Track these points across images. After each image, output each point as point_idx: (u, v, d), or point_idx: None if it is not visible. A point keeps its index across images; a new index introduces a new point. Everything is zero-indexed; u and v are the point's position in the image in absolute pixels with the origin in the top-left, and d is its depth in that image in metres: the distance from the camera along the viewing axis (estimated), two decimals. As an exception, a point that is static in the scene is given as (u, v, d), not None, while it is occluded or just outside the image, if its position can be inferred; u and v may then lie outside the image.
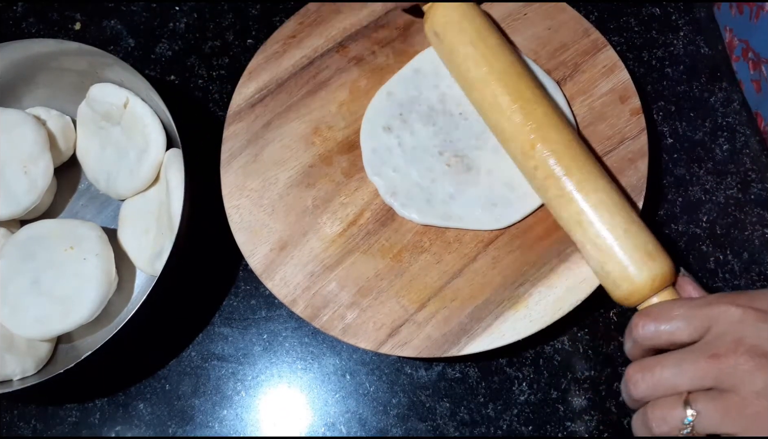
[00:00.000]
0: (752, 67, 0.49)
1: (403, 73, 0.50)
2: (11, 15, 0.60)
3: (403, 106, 0.49)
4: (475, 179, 0.47)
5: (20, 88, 0.53)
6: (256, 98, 0.51)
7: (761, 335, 0.33)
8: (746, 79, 0.51)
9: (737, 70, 0.52)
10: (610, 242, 0.40)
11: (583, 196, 0.41)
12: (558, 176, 0.42)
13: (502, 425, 0.47)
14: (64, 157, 0.53)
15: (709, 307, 0.35)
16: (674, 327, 0.36)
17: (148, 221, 0.50)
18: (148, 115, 0.50)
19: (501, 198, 0.46)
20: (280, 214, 0.48)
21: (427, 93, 0.49)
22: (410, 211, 0.47)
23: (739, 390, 0.33)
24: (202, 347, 0.50)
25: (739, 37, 0.51)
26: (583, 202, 0.41)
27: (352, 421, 0.48)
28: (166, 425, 0.49)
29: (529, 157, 0.43)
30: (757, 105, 0.51)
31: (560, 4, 0.51)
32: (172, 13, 0.59)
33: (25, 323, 0.46)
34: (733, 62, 0.52)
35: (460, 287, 0.45)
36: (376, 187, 0.47)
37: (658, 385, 0.35)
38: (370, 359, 0.49)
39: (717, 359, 0.33)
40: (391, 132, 0.48)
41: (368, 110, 0.49)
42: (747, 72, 0.51)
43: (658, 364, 0.35)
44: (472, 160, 0.48)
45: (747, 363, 0.33)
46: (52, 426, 0.49)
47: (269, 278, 0.46)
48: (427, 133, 0.48)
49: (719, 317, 0.35)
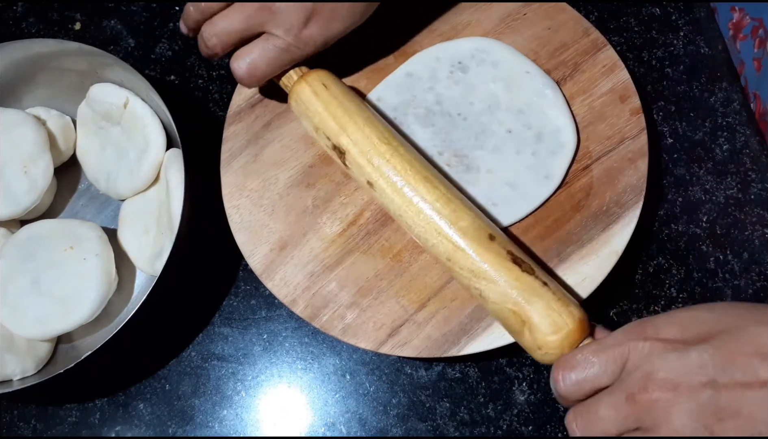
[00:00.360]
0: (758, 44, 0.49)
1: (393, 77, 0.50)
2: (11, 15, 0.60)
3: (397, 109, 0.49)
4: (474, 179, 0.47)
5: (20, 88, 0.53)
6: (256, 98, 0.51)
7: (670, 365, 0.33)
8: (749, 58, 0.51)
9: (740, 50, 0.52)
10: (512, 326, 0.40)
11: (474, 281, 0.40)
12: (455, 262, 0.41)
13: (502, 425, 0.47)
14: (64, 157, 0.53)
15: (618, 346, 0.35)
16: (592, 374, 0.35)
17: (148, 221, 0.50)
18: (148, 115, 0.50)
19: (501, 198, 0.46)
20: (280, 215, 0.48)
21: (423, 95, 0.49)
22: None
23: (659, 429, 0.32)
24: (202, 347, 0.50)
25: (752, 15, 0.50)
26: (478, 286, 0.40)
27: (352, 421, 0.48)
28: (166, 425, 0.49)
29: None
30: (756, 86, 0.51)
31: (560, 4, 0.51)
32: (172, 13, 0.59)
33: (25, 323, 0.46)
34: (738, 42, 0.52)
35: (460, 287, 0.45)
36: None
37: (590, 430, 0.34)
38: (370, 359, 0.49)
39: (632, 399, 0.33)
40: None
41: None
42: (751, 50, 0.50)
43: (586, 410, 0.35)
44: (472, 160, 0.48)
45: (660, 399, 0.32)
46: (52, 426, 0.49)
47: (269, 278, 0.46)
48: (426, 134, 0.48)
49: (630, 354, 0.34)
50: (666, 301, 0.49)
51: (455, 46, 0.50)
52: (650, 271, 0.50)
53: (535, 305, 0.38)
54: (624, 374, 0.34)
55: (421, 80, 0.50)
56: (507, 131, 0.48)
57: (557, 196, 0.47)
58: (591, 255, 0.45)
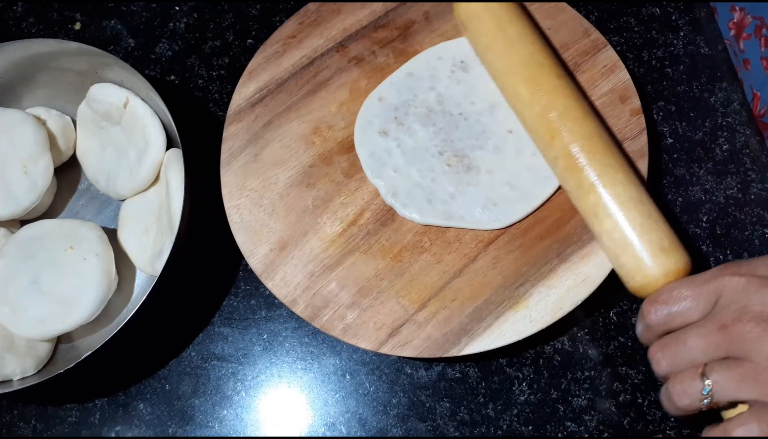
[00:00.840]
0: (764, 43, 0.49)
1: (395, 77, 0.50)
2: (11, 15, 0.60)
3: (398, 109, 0.49)
4: (475, 179, 0.47)
5: (20, 88, 0.53)
6: (256, 98, 0.51)
7: (765, 301, 0.34)
8: (755, 57, 0.51)
9: (744, 49, 0.52)
10: (625, 236, 0.41)
11: (600, 189, 0.42)
12: (577, 168, 0.43)
13: (502, 425, 0.47)
14: (64, 157, 0.53)
15: (714, 280, 0.36)
16: (684, 308, 0.37)
17: (148, 221, 0.50)
18: (148, 115, 0.50)
19: (501, 197, 0.46)
20: (280, 214, 0.48)
21: (424, 95, 0.49)
22: (411, 211, 0.47)
23: (752, 357, 0.34)
24: (202, 347, 0.50)
25: (753, 15, 0.50)
26: (600, 195, 0.42)
27: (352, 421, 0.48)
28: (166, 425, 0.49)
29: (550, 147, 0.44)
30: (760, 86, 0.51)
31: (560, 4, 0.51)
32: (172, 13, 0.59)
33: (25, 323, 0.46)
34: (742, 41, 0.52)
35: (461, 287, 0.45)
36: (378, 188, 0.47)
37: (676, 361, 0.36)
38: (370, 359, 0.49)
39: (725, 330, 0.34)
40: (388, 136, 0.48)
41: (359, 118, 0.49)
42: (757, 50, 0.50)
43: (674, 341, 0.36)
44: (472, 159, 0.48)
45: (754, 330, 0.34)
46: (52, 426, 0.49)
47: (269, 278, 0.46)
48: (427, 133, 0.48)
49: (724, 289, 0.36)
50: (666, 301, 0.49)
51: (457, 46, 0.51)
52: (650, 271, 0.50)
53: (652, 231, 0.40)
54: (717, 308, 0.36)
55: (422, 80, 0.50)
56: (508, 131, 0.48)
57: (557, 196, 0.47)
58: (591, 255, 0.45)
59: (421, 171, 0.47)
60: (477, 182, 0.47)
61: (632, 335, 0.48)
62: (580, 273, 0.44)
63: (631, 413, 0.47)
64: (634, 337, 0.48)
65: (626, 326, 0.48)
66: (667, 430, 0.46)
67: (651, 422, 0.46)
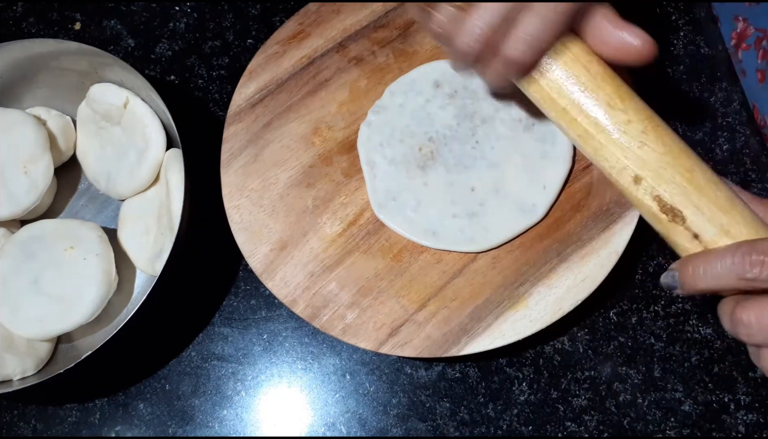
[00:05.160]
0: (761, 56, 0.49)
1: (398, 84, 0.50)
2: (11, 15, 0.60)
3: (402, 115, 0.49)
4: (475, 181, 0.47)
5: (20, 88, 0.53)
6: (257, 98, 0.51)
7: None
8: (751, 69, 0.51)
9: (743, 59, 0.52)
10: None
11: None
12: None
13: (502, 425, 0.47)
14: (64, 157, 0.53)
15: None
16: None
17: (148, 221, 0.50)
18: (148, 115, 0.50)
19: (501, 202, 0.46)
20: (280, 215, 0.48)
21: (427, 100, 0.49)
22: (429, 242, 0.46)
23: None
24: (202, 347, 0.50)
25: (756, 26, 0.50)
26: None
27: (352, 421, 0.48)
28: (166, 425, 0.49)
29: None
30: (756, 97, 0.51)
31: (560, 4, 0.51)
32: (172, 13, 0.59)
33: (25, 323, 0.46)
34: (740, 51, 0.52)
35: (460, 286, 0.45)
36: (392, 228, 0.47)
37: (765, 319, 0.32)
38: (370, 359, 0.49)
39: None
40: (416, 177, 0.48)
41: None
42: (754, 61, 0.50)
43: (757, 302, 0.32)
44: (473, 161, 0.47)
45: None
46: (52, 426, 0.49)
47: (269, 278, 0.46)
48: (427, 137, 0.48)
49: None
50: (666, 301, 0.49)
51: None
52: (650, 271, 0.50)
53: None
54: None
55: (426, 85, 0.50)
56: (508, 131, 0.48)
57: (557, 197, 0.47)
58: (591, 255, 0.45)
59: (441, 208, 0.47)
60: (477, 186, 0.47)
61: (632, 335, 0.48)
62: (580, 273, 0.44)
63: (631, 413, 0.47)
64: (634, 337, 0.48)
65: (626, 326, 0.48)
66: (667, 430, 0.46)
67: (651, 422, 0.46)
